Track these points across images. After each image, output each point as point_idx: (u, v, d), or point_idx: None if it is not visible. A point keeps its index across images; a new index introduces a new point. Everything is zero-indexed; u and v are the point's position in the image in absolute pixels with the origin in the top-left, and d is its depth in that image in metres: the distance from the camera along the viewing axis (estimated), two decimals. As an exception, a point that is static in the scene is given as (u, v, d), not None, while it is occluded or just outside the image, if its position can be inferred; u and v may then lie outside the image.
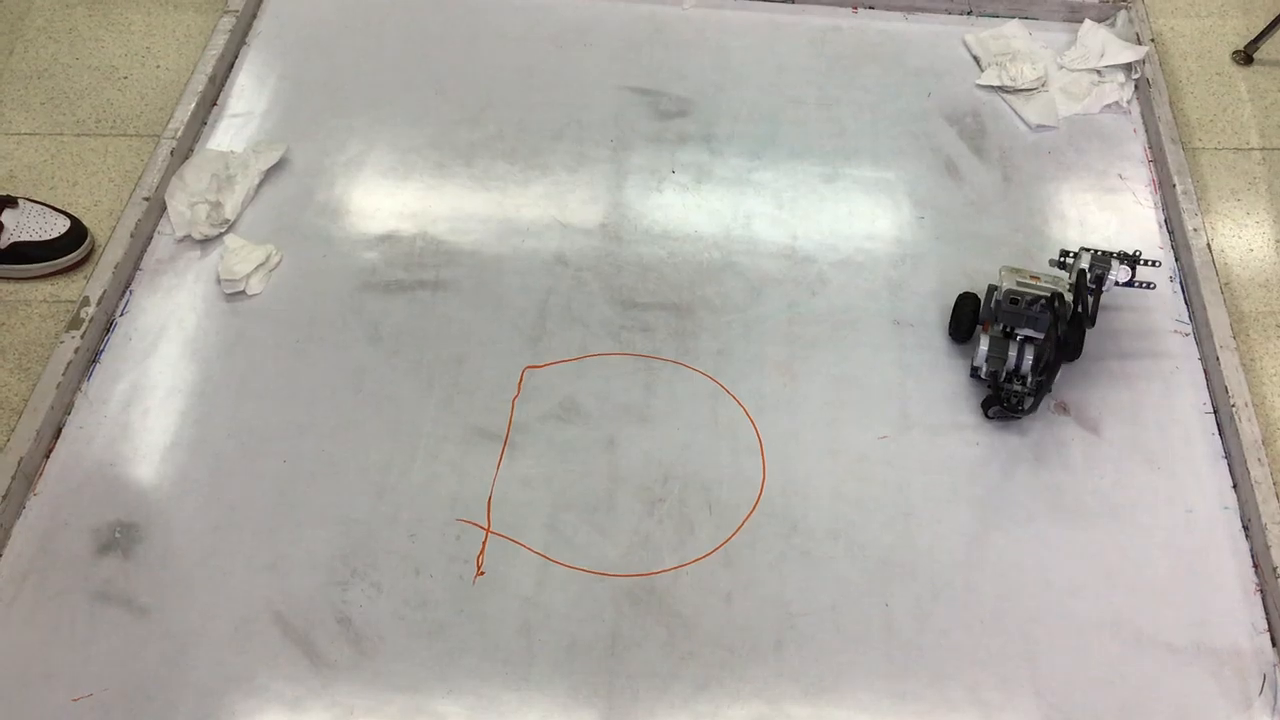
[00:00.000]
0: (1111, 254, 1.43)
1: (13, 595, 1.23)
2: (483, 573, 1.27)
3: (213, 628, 1.22)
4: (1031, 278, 1.38)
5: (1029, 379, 1.37)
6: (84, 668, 1.19)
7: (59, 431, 1.35)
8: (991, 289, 1.42)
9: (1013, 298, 1.36)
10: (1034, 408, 1.37)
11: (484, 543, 1.29)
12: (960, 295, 1.47)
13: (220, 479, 1.32)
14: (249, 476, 1.33)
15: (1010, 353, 1.37)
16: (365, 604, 1.24)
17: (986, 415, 1.40)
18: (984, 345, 1.38)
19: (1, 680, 1.18)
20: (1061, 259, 1.46)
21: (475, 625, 1.23)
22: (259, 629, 1.22)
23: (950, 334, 1.47)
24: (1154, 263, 1.46)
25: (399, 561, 1.27)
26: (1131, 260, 1.43)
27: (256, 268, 1.48)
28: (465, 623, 1.23)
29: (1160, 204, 1.64)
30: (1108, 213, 1.62)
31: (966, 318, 1.45)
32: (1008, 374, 1.38)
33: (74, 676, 1.18)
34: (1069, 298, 1.36)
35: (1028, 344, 1.37)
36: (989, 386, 1.39)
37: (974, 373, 1.42)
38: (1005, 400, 1.37)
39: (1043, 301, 1.34)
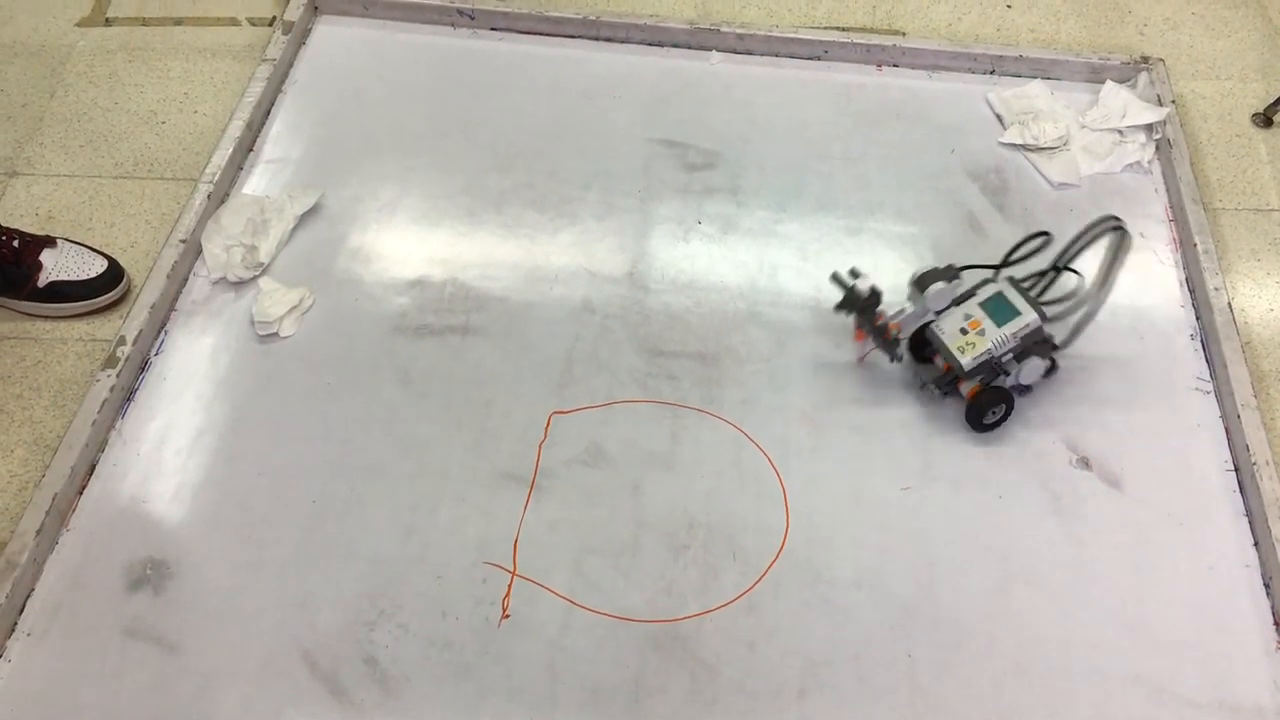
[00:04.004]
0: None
1: (44, 629, 1.24)
2: (508, 615, 1.28)
3: (241, 665, 1.23)
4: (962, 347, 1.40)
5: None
6: (113, 702, 1.20)
7: (93, 468, 1.37)
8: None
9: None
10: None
11: (510, 585, 1.30)
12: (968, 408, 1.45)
13: (250, 518, 1.34)
14: (279, 516, 1.34)
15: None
16: (392, 644, 1.25)
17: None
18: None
19: (31, 714, 1.19)
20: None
21: (500, 668, 1.24)
22: (287, 667, 1.23)
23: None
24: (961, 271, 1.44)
25: (426, 602, 1.28)
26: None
27: (289, 310, 1.51)
28: (490, 665, 1.24)
29: (1181, 263, 1.66)
30: (1129, 271, 1.62)
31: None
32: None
33: (103, 711, 1.19)
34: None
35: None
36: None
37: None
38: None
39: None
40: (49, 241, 1.54)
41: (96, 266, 1.54)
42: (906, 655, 1.27)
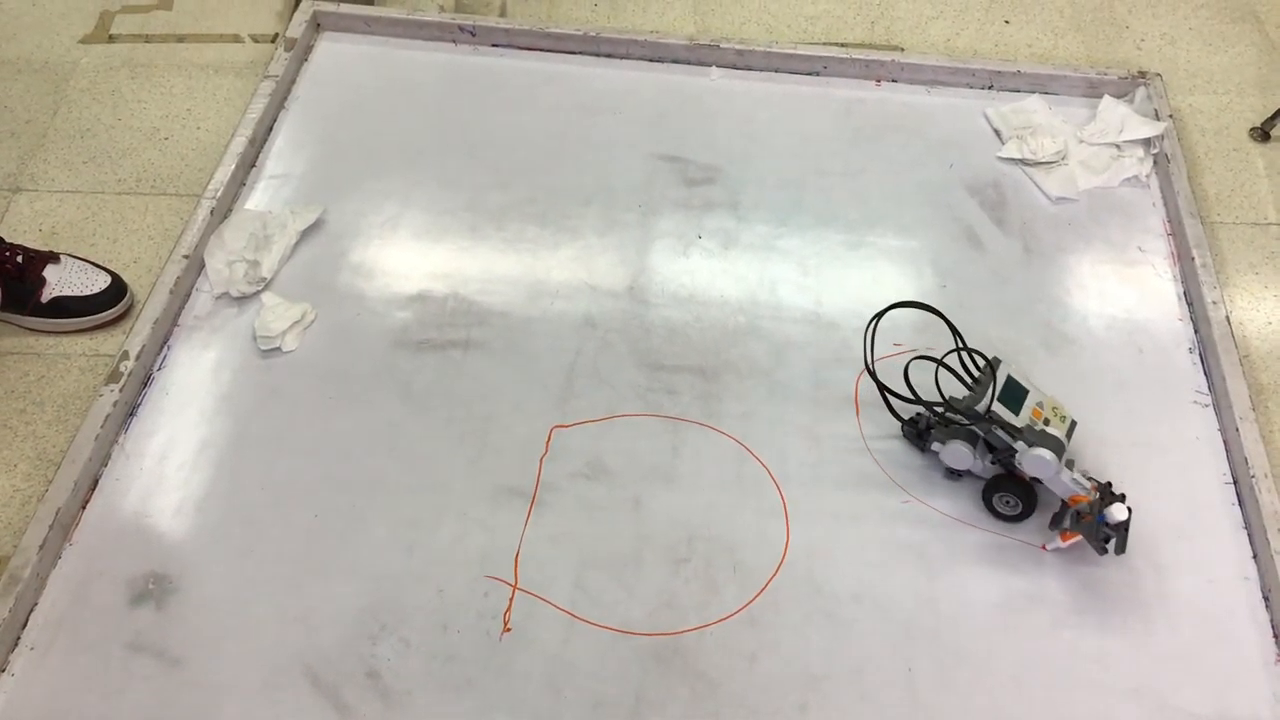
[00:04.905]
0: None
1: (47, 644, 1.25)
2: (510, 629, 1.28)
3: (243, 680, 1.23)
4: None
5: None
6: (115, 717, 1.20)
7: (96, 483, 1.37)
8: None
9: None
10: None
11: (511, 599, 1.30)
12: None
13: (253, 532, 1.34)
14: (281, 530, 1.35)
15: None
16: (394, 658, 1.25)
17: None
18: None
19: (34, 728, 1.19)
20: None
21: (502, 681, 1.24)
22: (289, 682, 1.23)
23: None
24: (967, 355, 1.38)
25: (427, 617, 1.28)
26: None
27: (292, 325, 1.51)
28: (492, 678, 1.24)
29: (1179, 276, 1.67)
30: (1127, 285, 1.65)
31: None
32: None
33: (106, 725, 1.20)
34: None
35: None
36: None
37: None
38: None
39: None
40: (52, 257, 1.54)
41: (100, 282, 1.55)
42: (907, 669, 1.27)
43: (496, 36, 1.92)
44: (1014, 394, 1.33)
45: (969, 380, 1.38)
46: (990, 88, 1.92)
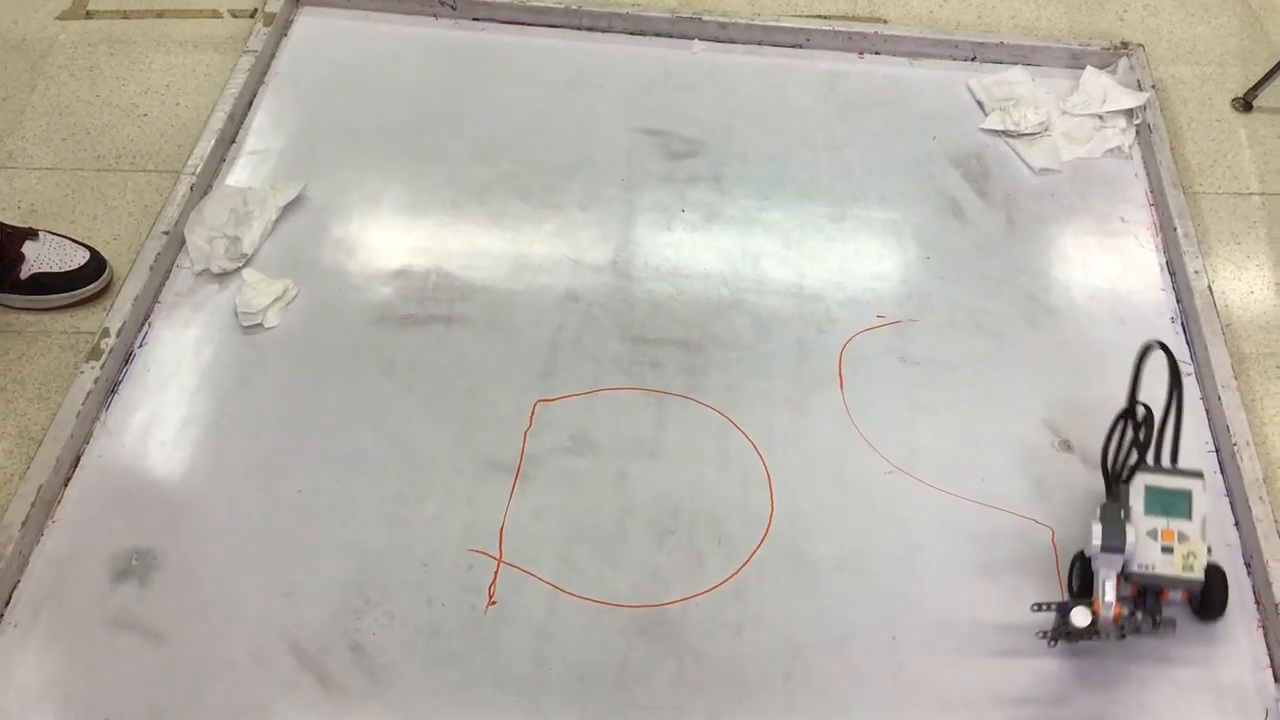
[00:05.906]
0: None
1: (30, 621, 1.24)
2: (494, 602, 1.28)
3: (228, 655, 1.23)
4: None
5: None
6: (100, 694, 1.20)
7: (78, 460, 1.37)
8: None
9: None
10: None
11: (496, 573, 1.30)
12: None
13: (236, 508, 1.34)
14: (265, 506, 1.34)
15: None
16: (379, 633, 1.25)
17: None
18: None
19: (18, 706, 1.19)
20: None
21: (487, 655, 1.24)
22: (274, 657, 1.23)
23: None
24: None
25: (412, 591, 1.28)
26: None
27: (273, 301, 1.51)
28: (477, 652, 1.24)
29: (1161, 246, 1.67)
30: (1110, 255, 1.65)
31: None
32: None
33: (90, 703, 1.19)
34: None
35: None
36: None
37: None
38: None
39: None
40: (31, 234, 1.53)
41: (79, 258, 1.54)
42: (891, 638, 1.28)
43: (478, 10, 1.91)
44: (1171, 504, 1.26)
45: (1169, 464, 1.31)
46: (973, 59, 1.91)
